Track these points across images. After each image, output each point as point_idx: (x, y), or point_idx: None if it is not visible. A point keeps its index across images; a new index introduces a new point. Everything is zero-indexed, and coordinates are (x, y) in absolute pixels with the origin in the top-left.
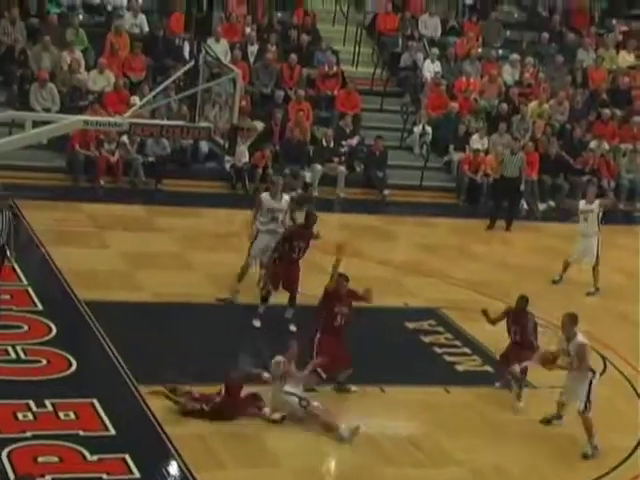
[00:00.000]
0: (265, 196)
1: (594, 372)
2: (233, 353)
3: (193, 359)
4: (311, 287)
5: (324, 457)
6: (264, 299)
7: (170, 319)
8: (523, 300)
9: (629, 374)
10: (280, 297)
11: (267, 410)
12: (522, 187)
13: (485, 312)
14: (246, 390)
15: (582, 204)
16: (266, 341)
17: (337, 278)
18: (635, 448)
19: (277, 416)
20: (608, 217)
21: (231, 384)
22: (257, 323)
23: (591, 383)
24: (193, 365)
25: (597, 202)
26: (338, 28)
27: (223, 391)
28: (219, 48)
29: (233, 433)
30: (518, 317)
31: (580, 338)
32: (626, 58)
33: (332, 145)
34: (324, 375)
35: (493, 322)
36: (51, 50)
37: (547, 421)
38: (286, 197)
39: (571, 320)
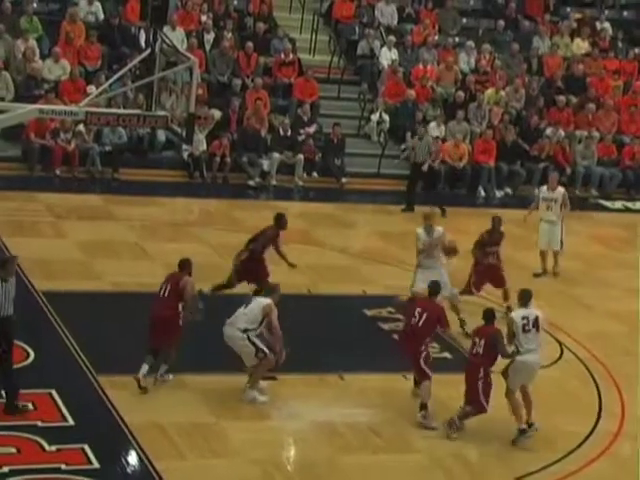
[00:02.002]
0: None
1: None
2: (190, 341)
3: None
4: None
5: (284, 447)
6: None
7: (128, 308)
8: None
9: (583, 357)
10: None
11: None
12: (425, 168)
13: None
14: None
15: (544, 191)
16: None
17: None
18: (591, 432)
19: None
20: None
21: None
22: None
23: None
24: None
25: (560, 190)
26: (294, 16)
27: None
28: (175, 36)
29: (193, 423)
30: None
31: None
32: (580, 45)
33: (289, 133)
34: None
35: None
36: (4, 38)
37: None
38: None
39: None
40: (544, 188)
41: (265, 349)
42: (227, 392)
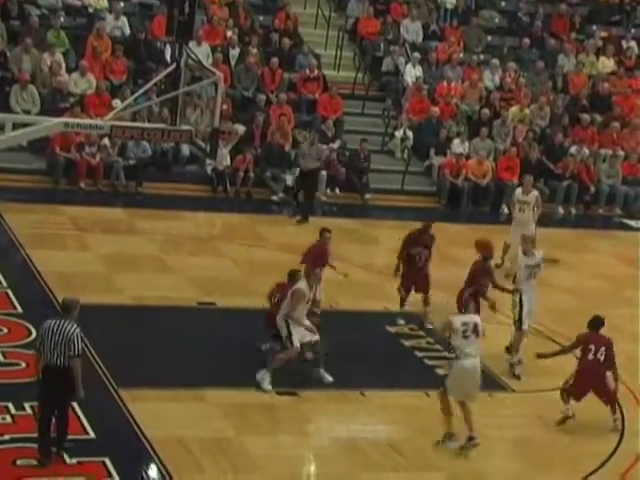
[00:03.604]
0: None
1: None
2: (212, 356)
3: (173, 362)
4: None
5: (304, 462)
6: None
7: (150, 322)
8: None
9: None
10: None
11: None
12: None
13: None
14: None
15: (519, 194)
16: (246, 343)
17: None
18: (613, 452)
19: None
20: (585, 221)
21: None
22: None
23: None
24: (173, 368)
25: (533, 193)
26: (320, 32)
27: None
28: (201, 51)
29: (213, 437)
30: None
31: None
32: (606, 64)
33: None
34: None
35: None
36: (32, 52)
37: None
38: None
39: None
40: (519, 190)
41: (295, 340)
42: (247, 407)
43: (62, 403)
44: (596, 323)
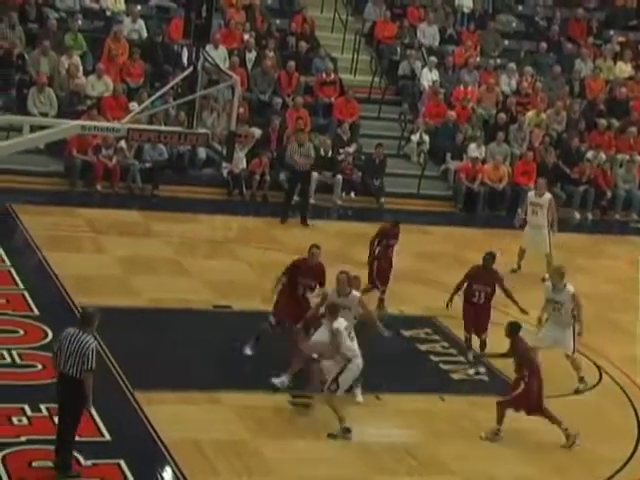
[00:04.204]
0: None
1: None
2: (228, 359)
3: (188, 365)
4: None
5: (319, 465)
6: None
7: (166, 325)
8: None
9: (623, 383)
10: None
11: None
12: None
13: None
14: None
15: (531, 196)
16: (262, 346)
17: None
18: (629, 458)
19: None
20: (601, 226)
21: None
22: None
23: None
24: (188, 370)
25: (547, 196)
26: (336, 36)
27: None
28: (217, 55)
29: (228, 440)
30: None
31: (570, 288)
32: (623, 69)
33: (330, 154)
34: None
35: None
36: (49, 55)
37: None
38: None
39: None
40: (531, 193)
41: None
42: (262, 410)
43: (71, 411)
44: (515, 328)
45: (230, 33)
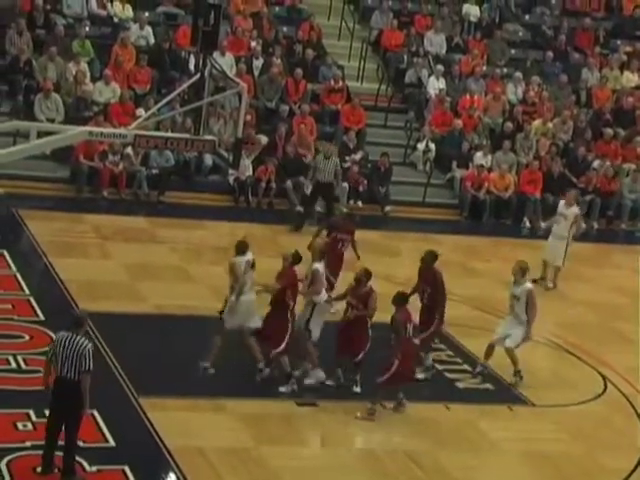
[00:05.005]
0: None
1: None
2: (233, 366)
3: (193, 371)
4: None
5: (323, 473)
6: None
7: (171, 331)
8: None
9: (629, 393)
10: None
11: None
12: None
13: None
14: None
15: (561, 205)
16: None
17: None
18: (634, 469)
19: None
20: (607, 236)
21: None
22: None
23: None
24: (193, 377)
25: (573, 209)
26: (343, 44)
27: None
28: (225, 62)
29: (232, 447)
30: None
31: (529, 284)
32: (630, 78)
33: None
34: None
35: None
36: (57, 61)
37: None
38: None
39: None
40: (562, 202)
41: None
42: (266, 417)
43: (71, 415)
44: (399, 299)
45: (237, 40)
